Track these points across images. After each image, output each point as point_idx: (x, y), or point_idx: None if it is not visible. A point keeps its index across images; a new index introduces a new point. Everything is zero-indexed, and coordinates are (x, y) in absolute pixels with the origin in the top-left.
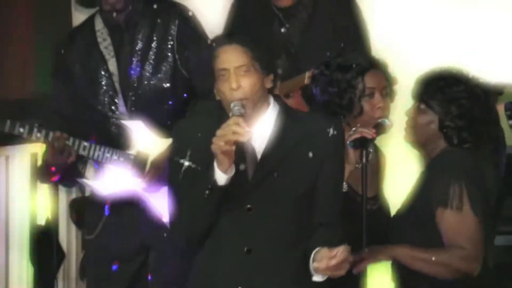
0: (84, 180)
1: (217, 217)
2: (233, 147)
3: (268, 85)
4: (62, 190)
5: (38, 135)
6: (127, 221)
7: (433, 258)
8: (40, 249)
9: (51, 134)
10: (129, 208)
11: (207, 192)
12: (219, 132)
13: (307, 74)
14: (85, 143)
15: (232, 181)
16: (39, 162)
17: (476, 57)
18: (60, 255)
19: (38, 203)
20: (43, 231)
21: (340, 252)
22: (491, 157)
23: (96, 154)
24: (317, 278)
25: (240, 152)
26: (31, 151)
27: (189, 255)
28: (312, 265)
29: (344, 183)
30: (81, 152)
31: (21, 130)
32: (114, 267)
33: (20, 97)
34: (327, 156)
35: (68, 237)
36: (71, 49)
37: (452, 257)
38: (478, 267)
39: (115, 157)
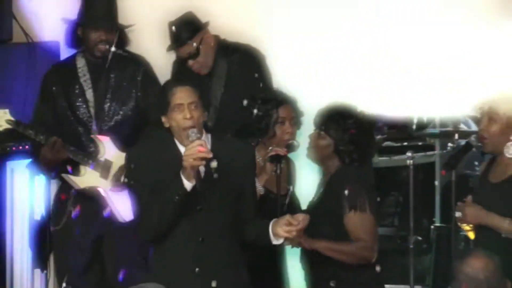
0: (67, 175)
1: (178, 216)
2: (201, 162)
3: (204, 118)
4: (53, 193)
5: (41, 137)
6: (88, 214)
7: (342, 248)
8: (36, 237)
9: (50, 138)
10: (91, 203)
11: (177, 197)
12: (187, 152)
13: None
14: (72, 148)
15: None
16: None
17: (360, 92)
18: (51, 241)
19: (35, 203)
20: (39, 223)
21: (302, 219)
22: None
23: (78, 157)
24: (276, 242)
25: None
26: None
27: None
28: (271, 233)
29: (262, 187)
30: (68, 154)
31: (30, 131)
32: (75, 254)
33: None
34: (248, 168)
35: None
36: (55, 79)
37: (357, 248)
38: (375, 255)
39: (90, 161)
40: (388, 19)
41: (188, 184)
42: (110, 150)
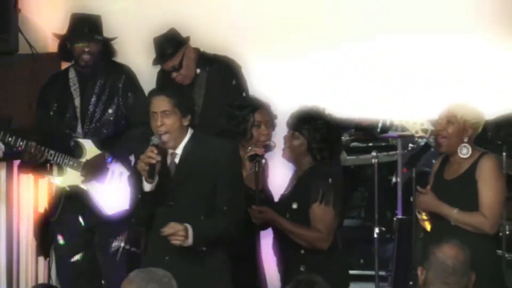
0: (49, 176)
1: (152, 209)
2: (148, 167)
3: (186, 123)
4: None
5: (21, 143)
6: (77, 208)
7: (300, 232)
8: (40, 228)
9: (29, 144)
10: (79, 199)
11: (139, 195)
12: (141, 157)
13: None
14: (52, 151)
15: (159, 187)
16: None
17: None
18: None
19: (39, 198)
20: (42, 216)
21: (167, 228)
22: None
23: (58, 159)
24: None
25: (164, 167)
26: None
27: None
28: None
29: None
30: (48, 157)
31: (10, 139)
32: (68, 243)
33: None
34: (222, 166)
35: None
36: (50, 89)
37: (312, 236)
38: (327, 245)
39: (71, 162)
40: (359, 25)
41: (146, 185)
42: (91, 151)
